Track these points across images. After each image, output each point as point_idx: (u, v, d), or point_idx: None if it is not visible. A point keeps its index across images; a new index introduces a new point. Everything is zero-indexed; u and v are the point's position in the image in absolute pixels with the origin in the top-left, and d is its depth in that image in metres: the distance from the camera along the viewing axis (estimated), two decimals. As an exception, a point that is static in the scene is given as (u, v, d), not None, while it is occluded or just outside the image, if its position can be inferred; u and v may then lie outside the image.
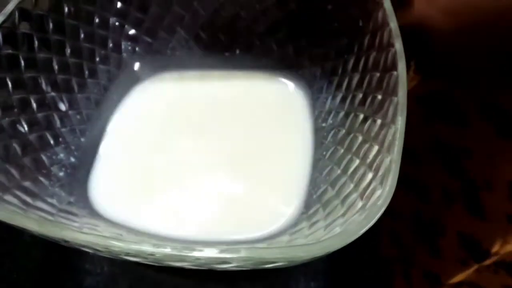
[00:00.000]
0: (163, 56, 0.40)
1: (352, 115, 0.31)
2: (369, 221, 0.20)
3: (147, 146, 0.36)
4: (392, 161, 0.22)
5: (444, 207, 0.38)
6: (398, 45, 0.27)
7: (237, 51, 0.40)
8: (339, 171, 0.29)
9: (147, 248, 0.18)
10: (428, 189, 0.40)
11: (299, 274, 0.35)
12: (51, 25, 0.31)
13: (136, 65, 0.39)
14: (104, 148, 0.35)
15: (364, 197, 0.23)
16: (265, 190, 0.33)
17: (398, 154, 0.22)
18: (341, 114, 0.33)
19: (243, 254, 0.17)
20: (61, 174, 0.30)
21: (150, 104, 0.39)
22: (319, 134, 0.35)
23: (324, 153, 0.33)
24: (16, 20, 0.28)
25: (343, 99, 0.33)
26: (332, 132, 0.33)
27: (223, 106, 0.38)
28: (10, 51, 0.28)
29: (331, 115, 0.34)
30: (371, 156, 0.25)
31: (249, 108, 0.38)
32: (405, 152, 0.22)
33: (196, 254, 0.18)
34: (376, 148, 0.25)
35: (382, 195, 0.21)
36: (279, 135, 0.37)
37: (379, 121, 0.26)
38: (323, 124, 0.35)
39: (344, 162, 0.29)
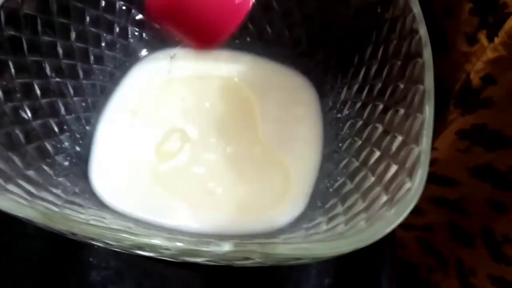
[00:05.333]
0: (170, 43, 0.38)
1: (370, 105, 0.30)
2: (399, 216, 0.18)
3: (152, 131, 0.34)
4: (422, 152, 0.20)
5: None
6: (423, 31, 0.25)
7: (248, 38, 0.38)
8: (357, 164, 0.28)
9: (161, 242, 0.17)
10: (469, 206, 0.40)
11: (311, 269, 0.34)
12: (55, 7, 0.30)
13: (143, 52, 0.38)
14: (104, 136, 0.33)
15: (390, 190, 0.21)
16: (273, 183, 0.32)
17: (427, 144, 0.21)
18: (358, 104, 0.31)
19: (269, 251, 0.16)
20: (66, 163, 0.29)
21: (153, 84, 0.37)
22: (334, 126, 0.34)
23: (340, 145, 0.31)
24: (19, 0, 0.27)
25: (360, 89, 0.32)
26: (349, 123, 0.32)
27: (229, 92, 0.37)
28: (12, 32, 0.27)
29: (347, 106, 0.33)
30: (394, 147, 0.24)
31: (258, 96, 0.37)
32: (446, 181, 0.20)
33: (215, 249, 0.17)
34: (400, 139, 0.24)
35: (412, 188, 0.19)
36: (288, 126, 0.36)
37: (402, 111, 0.25)
38: (338, 115, 0.34)
39: (363, 154, 0.27)
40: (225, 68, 0.38)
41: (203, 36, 0.31)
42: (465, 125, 0.33)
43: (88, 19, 0.33)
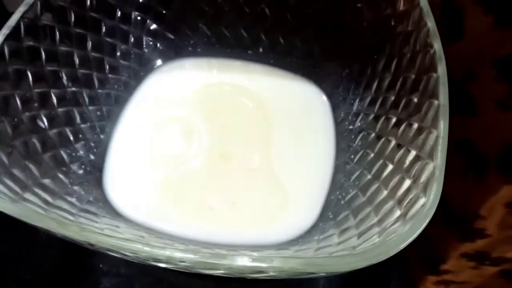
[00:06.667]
0: (184, 53, 0.39)
1: (383, 118, 0.30)
2: (413, 232, 0.18)
3: (164, 141, 0.34)
4: (436, 168, 0.20)
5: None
6: (437, 45, 0.25)
7: (261, 49, 0.39)
8: (369, 176, 0.28)
9: (177, 254, 0.17)
10: None
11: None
12: (73, 17, 0.30)
13: (158, 61, 0.38)
14: (118, 144, 0.34)
15: (403, 205, 0.21)
16: (285, 193, 0.32)
17: (442, 160, 0.21)
18: (371, 116, 0.31)
19: (291, 265, 0.16)
20: (81, 171, 0.29)
21: (166, 94, 0.37)
22: (346, 137, 0.34)
23: (352, 157, 0.31)
24: (38, 11, 0.27)
25: (373, 101, 0.32)
26: (361, 135, 0.32)
27: (241, 102, 0.37)
28: (31, 43, 0.27)
29: (359, 118, 0.33)
30: (407, 161, 0.24)
31: (269, 107, 0.37)
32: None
33: (231, 263, 0.17)
34: (413, 153, 0.24)
35: (427, 204, 0.19)
36: (300, 137, 0.36)
37: (416, 125, 0.25)
38: (350, 127, 0.34)
39: (376, 167, 0.27)
40: (237, 78, 0.38)
41: None
42: None
43: (104, 29, 0.33)
